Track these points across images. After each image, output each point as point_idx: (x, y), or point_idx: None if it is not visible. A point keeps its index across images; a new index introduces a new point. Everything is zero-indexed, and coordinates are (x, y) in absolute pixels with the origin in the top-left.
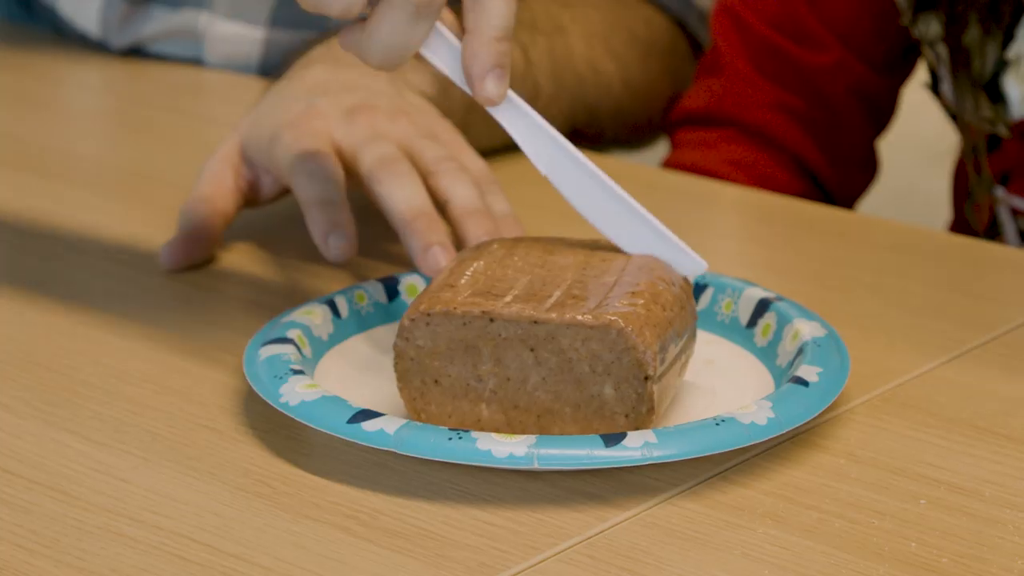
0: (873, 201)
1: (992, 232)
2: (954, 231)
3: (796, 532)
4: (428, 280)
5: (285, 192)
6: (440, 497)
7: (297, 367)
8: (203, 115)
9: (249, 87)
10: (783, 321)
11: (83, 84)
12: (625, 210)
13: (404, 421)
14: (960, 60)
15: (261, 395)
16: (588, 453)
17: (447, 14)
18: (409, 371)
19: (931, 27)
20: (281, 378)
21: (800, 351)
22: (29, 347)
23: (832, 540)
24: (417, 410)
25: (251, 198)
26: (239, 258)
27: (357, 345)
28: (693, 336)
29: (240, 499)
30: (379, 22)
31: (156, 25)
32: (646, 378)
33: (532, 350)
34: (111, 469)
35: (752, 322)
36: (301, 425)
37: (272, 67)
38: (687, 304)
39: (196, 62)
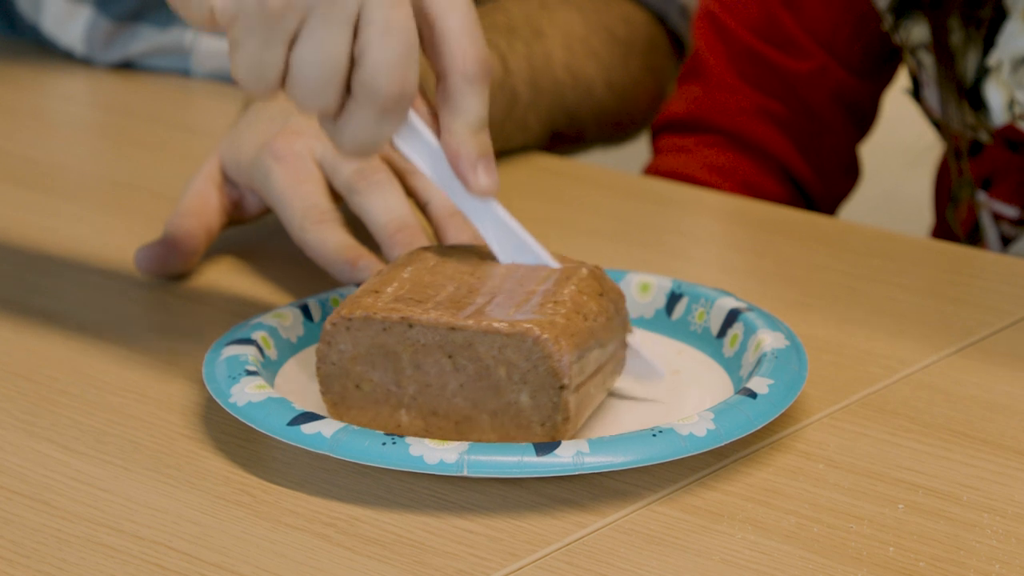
0: (854, 206)
1: (974, 237)
2: (936, 236)
3: (775, 537)
4: None
5: (269, 210)
6: (419, 505)
7: (253, 368)
8: (189, 125)
9: (235, 98)
10: (749, 331)
11: (68, 95)
12: None
13: (342, 425)
14: (944, 65)
15: (212, 395)
16: (519, 460)
17: (419, 103)
18: (331, 376)
19: (914, 32)
20: (234, 378)
21: (759, 362)
22: (8, 357)
23: (810, 545)
24: (339, 415)
25: (236, 216)
26: (220, 268)
27: None
28: (623, 346)
29: (219, 507)
30: (347, 118)
31: (143, 43)
32: (561, 387)
33: (450, 357)
34: (91, 479)
35: (722, 332)
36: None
37: None
38: (616, 315)
39: (184, 75)
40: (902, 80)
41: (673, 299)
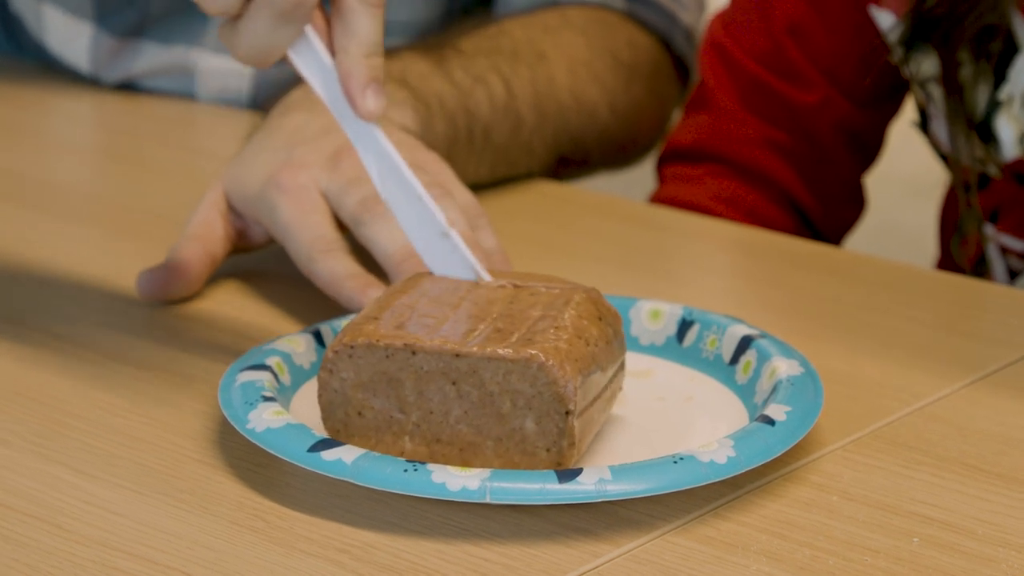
0: (856, 237)
1: (979, 269)
2: (940, 268)
3: (790, 570)
4: None
5: (273, 240)
6: (434, 532)
7: (269, 394)
8: (194, 148)
9: (239, 120)
10: (762, 358)
11: (72, 116)
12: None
13: (363, 452)
14: (954, 99)
15: (230, 420)
16: (541, 488)
17: (320, 20)
18: (332, 403)
19: (923, 66)
20: (251, 404)
21: (774, 389)
22: (18, 379)
23: None
24: None
25: (240, 245)
26: (229, 292)
27: None
28: (622, 368)
29: (233, 532)
30: (246, 20)
31: (147, 61)
32: (567, 412)
33: (454, 383)
34: (104, 502)
35: (734, 359)
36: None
37: (262, 99)
38: (614, 338)
39: (188, 96)
40: (908, 112)
41: (684, 326)
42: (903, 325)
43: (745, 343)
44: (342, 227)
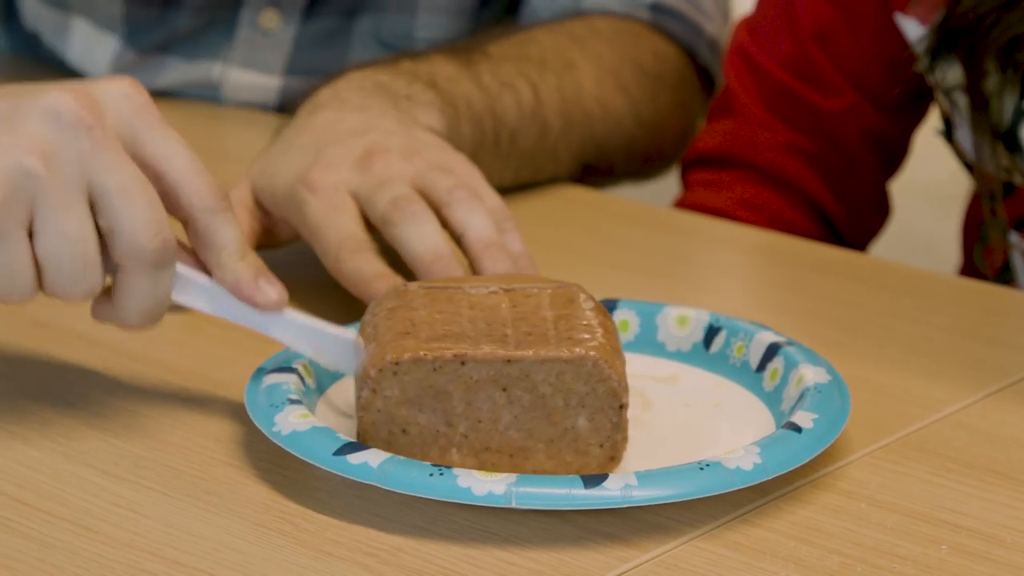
0: (879, 244)
1: (1004, 277)
2: (963, 275)
3: None
4: None
5: (299, 237)
6: (461, 536)
7: (295, 397)
8: (220, 152)
9: (265, 123)
10: (789, 366)
11: None
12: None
13: (389, 455)
14: (979, 108)
15: (256, 423)
16: (567, 493)
17: (182, 255)
18: (376, 423)
19: (949, 75)
20: (277, 407)
21: (801, 396)
22: (44, 380)
23: None
24: None
25: (266, 242)
26: None
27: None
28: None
29: (260, 535)
30: (123, 290)
31: (171, 76)
32: (621, 407)
33: (504, 390)
34: (131, 504)
35: (761, 366)
36: None
37: (290, 114)
38: (615, 331)
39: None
40: (932, 120)
41: (711, 332)
42: (928, 332)
43: (772, 350)
44: (371, 228)
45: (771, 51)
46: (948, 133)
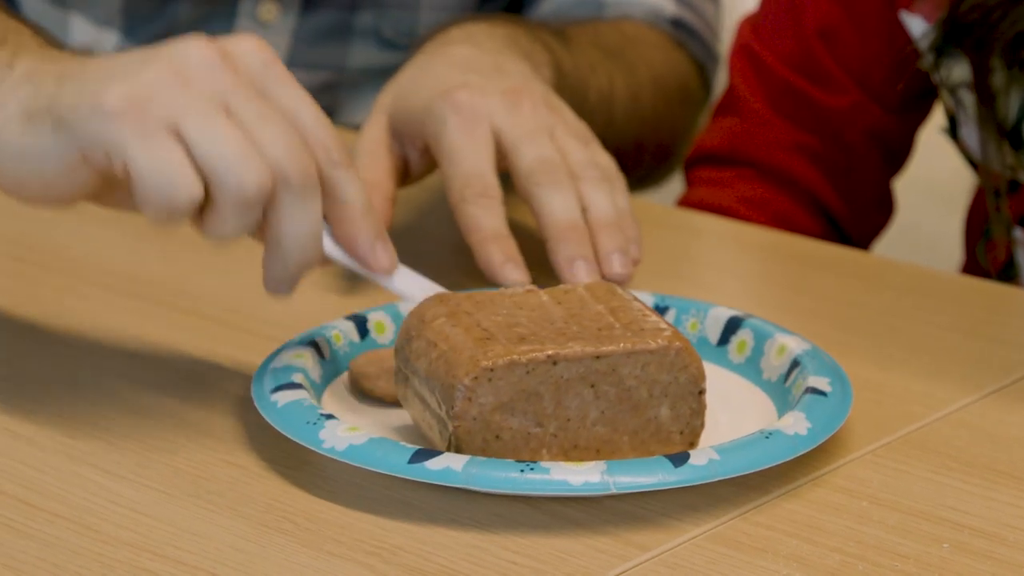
0: (882, 241)
1: (1007, 274)
2: (966, 273)
3: (819, 575)
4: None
5: (431, 171)
6: (463, 535)
7: (325, 412)
8: None
9: None
10: (761, 337)
11: None
12: None
13: (468, 458)
14: (985, 105)
15: (302, 443)
16: (660, 479)
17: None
18: (471, 432)
19: (954, 72)
20: (315, 424)
21: (796, 364)
22: (47, 381)
23: None
24: None
25: (401, 181)
26: (259, 292)
27: (340, 385)
28: None
29: (262, 534)
30: (278, 218)
31: None
32: (700, 392)
33: (592, 386)
34: (133, 503)
35: (724, 340)
36: (322, 460)
37: None
38: None
39: None
40: (937, 117)
41: (659, 312)
42: (930, 330)
43: (735, 324)
44: (502, 167)
45: (775, 49)
46: (953, 131)
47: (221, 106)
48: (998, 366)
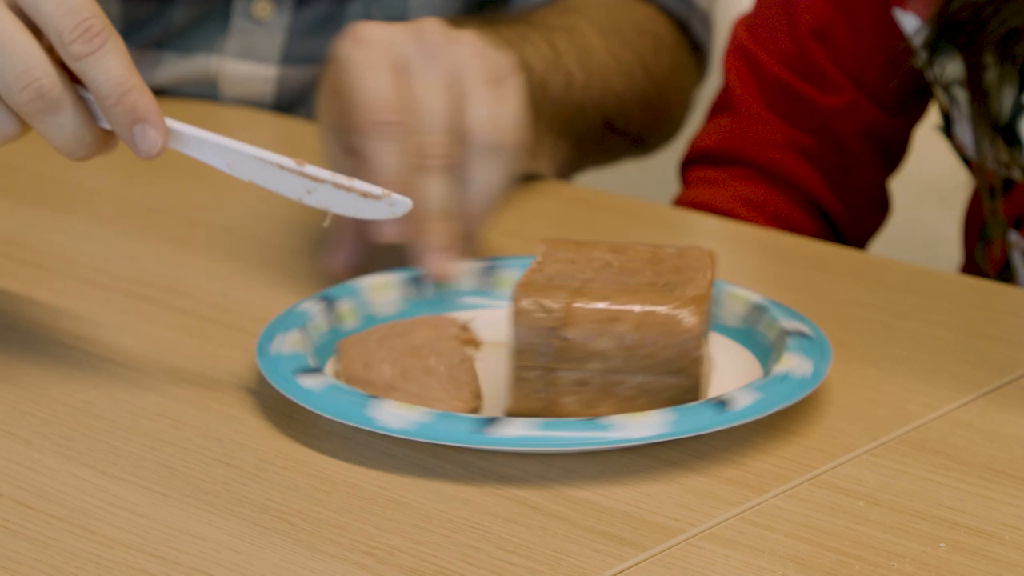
0: (879, 241)
1: (1004, 275)
2: (965, 273)
3: (816, 574)
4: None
5: None
6: (459, 535)
7: (364, 392)
8: None
9: (263, 121)
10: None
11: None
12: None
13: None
14: (979, 102)
15: (360, 426)
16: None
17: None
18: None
19: (948, 69)
20: (363, 402)
21: (760, 309)
22: (44, 381)
23: None
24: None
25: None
26: (252, 293)
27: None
28: None
29: (259, 535)
30: (41, 133)
31: (168, 72)
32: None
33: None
34: (129, 504)
35: None
36: (320, 461)
37: (286, 103)
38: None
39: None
40: (932, 116)
41: None
42: (928, 329)
43: None
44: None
45: (770, 48)
46: (947, 128)
47: None
48: (996, 365)
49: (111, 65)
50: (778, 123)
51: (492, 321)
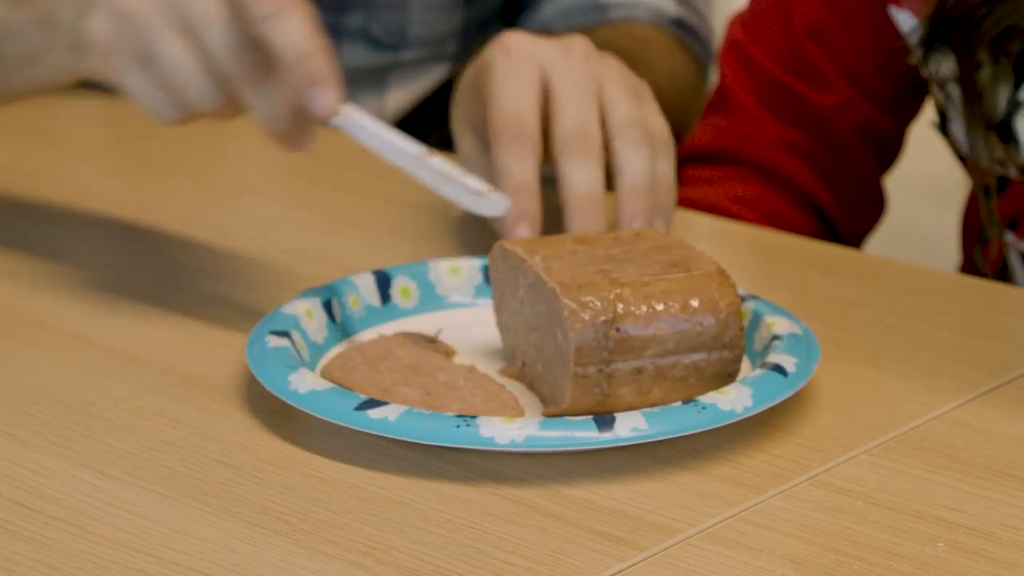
0: (874, 239)
1: (1002, 276)
2: (963, 273)
3: (815, 574)
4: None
5: None
6: (457, 535)
7: (363, 396)
8: (218, 151)
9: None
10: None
11: (88, 118)
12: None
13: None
14: (973, 100)
15: (358, 428)
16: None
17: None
18: None
19: (942, 66)
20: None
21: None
22: (42, 381)
23: None
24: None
25: None
26: (244, 291)
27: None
28: None
29: (257, 535)
30: (248, 106)
31: None
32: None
33: None
34: (128, 504)
35: None
36: (318, 461)
37: None
38: None
39: None
40: (927, 114)
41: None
42: (927, 329)
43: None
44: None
45: (765, 46)
46: (943, 126)
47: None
48: (995, 365)
49: (294, 27)
50: (773, 121)
51: (451, 328)
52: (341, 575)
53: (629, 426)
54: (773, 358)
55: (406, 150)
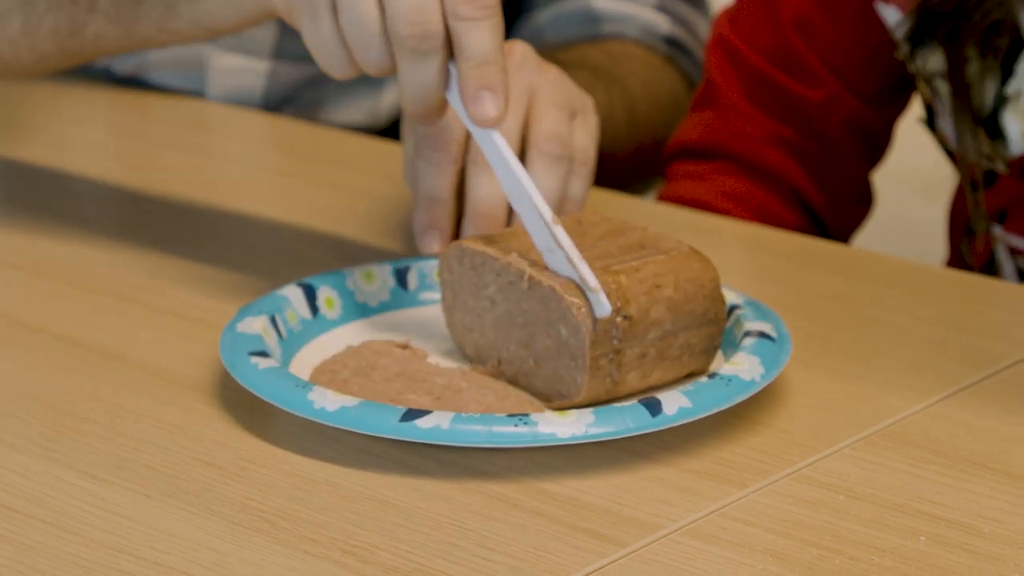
0: (863, 234)
1: (989, 269)
2: (951, 267)
3: (796, 569)
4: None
5: None
6: (439, 533)
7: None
8: (206, 150)
9: (252, 121)
10: None
11: (83, 115)
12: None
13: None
14: (960, 95)
15: (409, 440)
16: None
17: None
18: None
19: (930, 61)
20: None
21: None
22: (26, 382)
23: None
24: None
25: None
26: (227, 293)
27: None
28: None
29: (238, 534)
30: (397, 73)
31: (160, 52)
32: None
33: None
34: (111, 505)
35: None
36: (299, 460)
37: (276, 99)
38: None
39: (198, 94)
40: (915, 108)
41: (401, 275)
42: (912, 323)
43: None
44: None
45: (752, 41)
46: (930, 121)
47: None
48: (979, 358)
49: (487, 36)
50: (760, 116)
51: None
52: (323, 573)
53: (675, 406)
54: (749, 326)
55: (535, 203)
